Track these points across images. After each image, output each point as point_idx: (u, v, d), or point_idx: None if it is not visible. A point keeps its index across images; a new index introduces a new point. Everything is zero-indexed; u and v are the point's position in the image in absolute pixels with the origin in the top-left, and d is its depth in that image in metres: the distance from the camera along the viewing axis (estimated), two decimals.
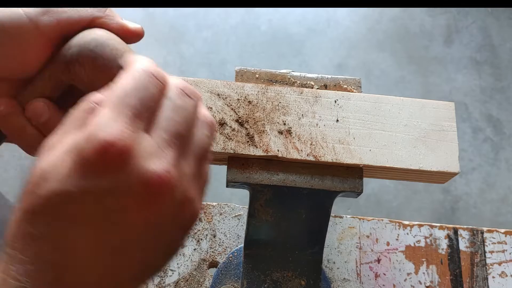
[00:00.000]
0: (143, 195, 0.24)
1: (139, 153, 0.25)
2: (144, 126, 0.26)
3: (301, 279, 0.53)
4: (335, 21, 1.97)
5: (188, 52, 1.87)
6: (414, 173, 0.46)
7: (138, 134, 0.25)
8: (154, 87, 0.27)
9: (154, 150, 0.25)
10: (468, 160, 1.72)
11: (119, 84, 0.26)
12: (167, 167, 0.25)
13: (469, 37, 1.95)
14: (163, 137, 0.26)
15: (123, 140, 0.24)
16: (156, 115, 0.27)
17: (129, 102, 0.26)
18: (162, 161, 0.25)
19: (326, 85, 0.48)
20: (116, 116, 0.25)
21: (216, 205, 0.62)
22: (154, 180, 0.24)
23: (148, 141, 0.25)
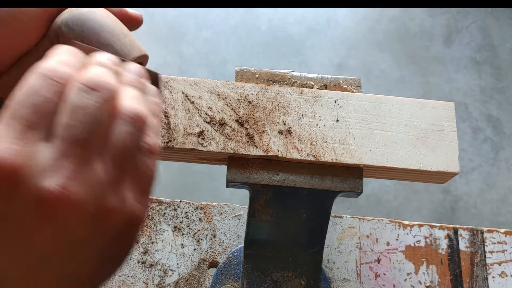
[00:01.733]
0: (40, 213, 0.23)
1: (33, 169, 0.22)
2: (42, 136, 0.23)
3: (301, 279, 0.53)
4: (335, 21, 1.97)
5: (188, 52, 1.87)
6: (414, 173, 0.46)
7: (31, 147, 0.23)
8: (48, 90, 0.24)
9: (50, 163, 0.23)
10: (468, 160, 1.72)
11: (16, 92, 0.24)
12: (62, 182, 0.23)
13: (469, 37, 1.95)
14: (59, 147, 0.23)
15: (11, 157, 0.22)
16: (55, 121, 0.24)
17: (19, 113, 0.23)
18: (55, 176, 0.23)
19: (326, 85, 0.48)
20: (6, 130, 0.23)
21: (216, 205, 0.62)
22: (48, 197, 0.22)
23: (44, 154, 0.23)
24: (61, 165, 0.23)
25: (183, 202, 0.62)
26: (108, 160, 0.25)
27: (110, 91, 0.25)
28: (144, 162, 0.27)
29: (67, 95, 0.24)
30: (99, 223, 0.25)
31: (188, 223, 0.61)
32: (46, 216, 0.23)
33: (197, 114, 0.44)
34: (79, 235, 0.24)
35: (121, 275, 0.57)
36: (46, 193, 0.23)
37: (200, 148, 0.44)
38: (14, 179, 0.22)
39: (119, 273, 0.57)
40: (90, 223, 0.24)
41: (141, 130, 0.27)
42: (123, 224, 0.26)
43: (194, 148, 0.43)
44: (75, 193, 0.23)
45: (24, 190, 0.22)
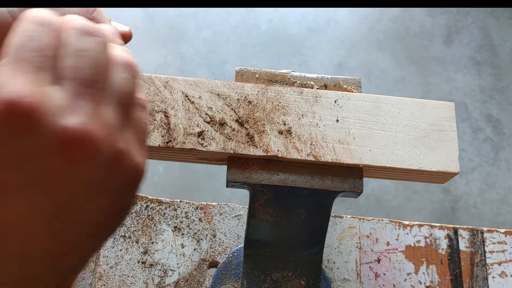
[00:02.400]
0: (64, 153, 0.23)
1: (51, 109, 0.22)
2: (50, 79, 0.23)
3: (301, 279, 0.53)
4: (335, 21, 1.97)
5: (188, 52, 1.87)
6: (414, 173, 0.46)
7: (45, 88, 0.23)
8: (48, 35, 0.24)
9: (66, 104, 0.23)
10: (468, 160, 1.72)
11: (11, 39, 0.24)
12: (84, 120, 0.23)
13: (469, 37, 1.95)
14: (72, 87, 0.24)
15: (28, 96, 0.22)
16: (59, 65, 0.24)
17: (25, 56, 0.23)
18: (77, 114, 0.23)
19: (326, 85, 0.48)
20: (15, 72, 0.22)
21: (216, 205, 0.62)
22: (72, 136, 0.23)
23: (58, 94, 0.23)
24: (78, 105, 0.23)
25: (183, 202, 0.62)
26: (114, 104, 0.25)
27: (105, 37, 0.26)
28: (140, 115, 0.28)
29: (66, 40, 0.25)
30: (112, 166, 0.25)
31: (188, 223, 0.61)
32: (70, 154, 0.23)
33: (197, 114, 0.44)
34: (95, 177, 0.24)
35: (121, 275, 0.57)
36: (69, 131, 0.23)
37: (200, 148, 0.44)
38: (34, 117, 0.22)
39: (119, 272, 0.57)
40: (105, 165, 0.24)
41: (135, 78, 0.28)
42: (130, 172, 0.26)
43: (194, 148, 0.43)
44: (97, 130, 0.23)
45: (46, 129, 0.22)
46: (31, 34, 0.24)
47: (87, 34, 0.25)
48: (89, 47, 0.25)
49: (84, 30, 0.25)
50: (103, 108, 0.25)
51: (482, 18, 1.99)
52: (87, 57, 0.25)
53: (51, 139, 0.22)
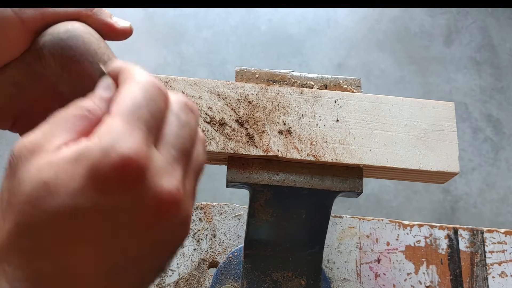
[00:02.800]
0: (154, 212, 0.24)
1: (153, 170, 0.24)
2: (153, 142, 0.25)
3: (301, 279, 0.53)
4: (335, 21, 1.97)
5: (188, 52, 1.87)
6: (414, 173, 0.46)
7: (152, 149, 0.24)
8: (162, 101, 0.26)
9: (165, 167, 0.25)
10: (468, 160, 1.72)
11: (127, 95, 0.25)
12: (177, 185, 0.25)
13: (469, 37, 1.95)
14: (172, 153, 0.26)
15: (141, 155, 0.23)
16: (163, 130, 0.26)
17: (142, 115, 0.25)
18: (173, 178, 0.25)
19: (326, 85, 0.48)
20: (131, 129, 0.24)
21: (216, 205, 0.62)
22: (166, 198, 0.24)
23: (159, 157, 0.25)
24: (175, 169, 0.25)
25: None
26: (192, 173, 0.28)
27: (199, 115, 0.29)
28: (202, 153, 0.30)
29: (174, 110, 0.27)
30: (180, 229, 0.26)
31: None
32: (160, 213, 0.24)
33: None
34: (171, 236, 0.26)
35: None
36: (166, 191, 0.24)
37: None
38: (142, 174, 0.23)
39: None
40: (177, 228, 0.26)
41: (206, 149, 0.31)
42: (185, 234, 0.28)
43: None
44: (183, 196, 0.25)
45: (148, 188, 0.24)
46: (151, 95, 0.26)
47: (190, 110, 0.28)
48: (190, 121, 0.27)
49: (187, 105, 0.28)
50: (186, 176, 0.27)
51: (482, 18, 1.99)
52: (187, 130, 0.27)
53: (149, 197, 0.24)
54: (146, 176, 0.23)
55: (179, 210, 0.25)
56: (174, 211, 0.25)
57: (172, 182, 0.25)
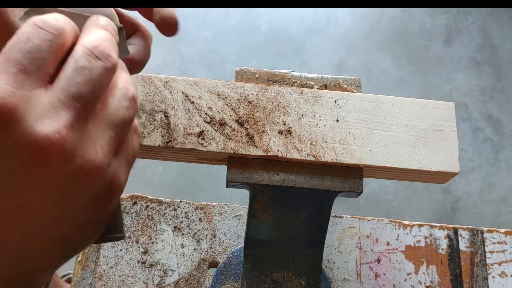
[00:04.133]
0: (29, 157, 0.23)
1: (28, 113, 0.23)
2: (36, 83, 0.24)
3: (301, 279, 0.53)
4: (335, 21, 1.97)
5: (188, 52, 1.87)
6: (414, 173, 0.46)
7: (26, 92, 0.23)
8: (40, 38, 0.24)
9: (47, 110, 0.23)
10: (468, 160, 1.72)
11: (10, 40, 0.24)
12: (59, 129, 0.23)
13: (469, 37, 1.95)
14: (59, 97, 0.24)
15: (3, 96, 0.22)
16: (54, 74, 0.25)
17: (11, 57, 0.23)
18: (53, 122, 0.23)
19: (326, 85, 0.48)
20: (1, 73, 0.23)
21: (216, 205, 0.62)
22: (41, 142, 0.23)
23: (41, 100, 0.23)
24: (59, 114, 0.24)
25: (183, 202, 0.62)
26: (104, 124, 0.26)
27: (114, 64, 0.26)
28: (133, 140, 0.29)
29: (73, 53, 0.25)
30: (83, 178, 0.25)
31: (188, 223, 0.61)
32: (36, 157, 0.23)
33: (197, 114, 0.44)
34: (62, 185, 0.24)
35: (121, 275, 0.57)
36: (40, 136, 0.23)
37: (200, 148, 0.44)
38: (8, 117, 0.22)
39: (119, 272, 0.57)
40: (75, 176, 0.24)
41: (135, 111, 0.28)
42: (104, 187, 0.26)
43: (194, 148, 0.43)
44: (71, 141, 0.23)
45: (19, 131, 0.22)
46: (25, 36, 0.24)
47: (95, 57, 0.25)
48: (91, 67, 0.25)
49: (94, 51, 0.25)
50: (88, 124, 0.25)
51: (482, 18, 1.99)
52: (85, 75, 0.25)
53: (21, 140, 0.22)
54: (15, 119, 0.22)
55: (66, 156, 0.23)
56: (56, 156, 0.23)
57: (52, 125, 0.23)
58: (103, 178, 0.26)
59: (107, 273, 0.57)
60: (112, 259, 0.58)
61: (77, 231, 0.27)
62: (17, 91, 0.23)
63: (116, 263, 0.58)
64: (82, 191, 0.25)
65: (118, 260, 0.58)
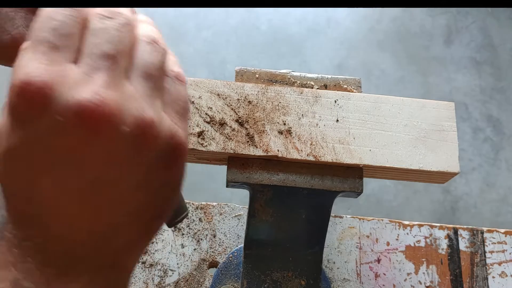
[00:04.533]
0: (80, 126, 0.22)
1: (65, 86, 0.23)
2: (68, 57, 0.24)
3: (301, 279, 0.53)
4: (335, 21, 1.97)
5: (188, 52, 1.87)
6: (414, 173, 0.46)
7: (59, 66, 0.23)
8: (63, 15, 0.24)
9: (81, 79, 0.23)
10: (468, 160, 1.72)
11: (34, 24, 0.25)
12: (97, 90, 0.23)
13: (469, 37, 1.95)
14: (88, 62, 0.24)
15: (38, 75, 0.22)
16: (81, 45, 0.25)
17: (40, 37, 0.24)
18: (90, 86, 0.23)
19: (326, 85, 0.48)
20: (31, 54, 0.23)
21: (216, 205, 0.62)
22: (85, 107, 0.22)
23: (74, 72, 0.23)
24: (93, 77, 0.23)
25: None
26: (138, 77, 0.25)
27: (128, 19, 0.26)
28: (175, 88, 0.28)
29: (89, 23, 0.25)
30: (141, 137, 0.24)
31: (188, 223, 0.61)
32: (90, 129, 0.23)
33: (197, 114, 0.44)
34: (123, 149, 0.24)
35: None
36: (82, 102, 0.22)
37: (200, 148, 0.44)
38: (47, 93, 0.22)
39: None
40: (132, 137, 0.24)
41: (163, 53, 0.28)
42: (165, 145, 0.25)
43: (194, 148, 0.43)
44: (113, 101, 0.23)
45: (60, 104, 0.22)
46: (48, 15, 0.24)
47: (108, 16, 0.25)
48: (107, 27, 0.25)
49: (106, 13, 0.26)
50: (124, 80, 0.24)
51: (482, 18, 1.99)
52: (105, 34, 0.25)
53: (67, 113, 0.22)
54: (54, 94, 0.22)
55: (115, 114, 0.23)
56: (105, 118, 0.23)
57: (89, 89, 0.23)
58: (161, 133, 0.25)
59: None
60: None
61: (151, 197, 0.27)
62: (51, 67, 0.23)
63: None
64: (144, 153, 0.25)
65: None
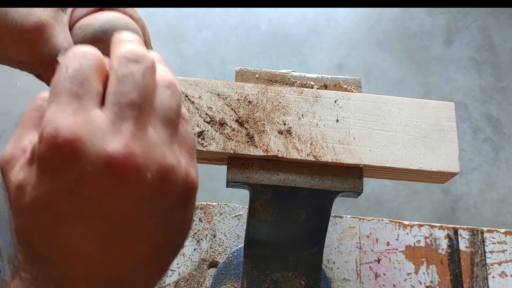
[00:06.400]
0: (109, 177, 0.23)
1: (92, 135, 0.23)
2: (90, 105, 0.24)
3: (301, 279, 0.53)
4: (335, 21, 1.97)
5: (188, 52, 1.87)
6: (414, 173, 0.46)
7: (85, 116, 0.23)
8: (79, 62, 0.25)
9: (108, 128, 0.24)
10: (468, 160, 1.72)
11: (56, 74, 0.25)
12: (126, 142, 0.23)
13: (469, 37, 1.95)
14: (114, 111, 0.24)
15: (67, 127, 0.22)
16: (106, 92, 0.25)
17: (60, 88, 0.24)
18: (118, 137, 0.23)
19: (326, 85, 0.48)
20: (57, 105, 0.23)
21: (216, 205, 0.62)
22: (115, 159, 0.23)
23: (100, 120, 0.24)
24: (120, 128, 0.24)
25: None
26: (160, 123, 0.26)
27: (151, 61, 0.26)
28: (185, 128, 0.29)
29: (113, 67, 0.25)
30: (163, 182, 0.25)
31: None
32: (119, 178, 0.23)
33: (197, 114, 0.44)
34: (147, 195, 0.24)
35: None
36: (113, 155, 0.23)
37: (200, 148, 0.44)
38: (76, 145, 0.23)
39: None
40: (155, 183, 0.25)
41: (179, 96, 0.28)
42: (183, 186, 0.26)
43: None
44: (140, 150, 0.24)
45: (90, 155, 0.23)
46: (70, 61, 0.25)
47: (133, 61, 0.26)
48: (132, 72, 0.25)
49: (130, 56, 0.26)
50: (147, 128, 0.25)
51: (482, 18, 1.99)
52: (130, 82, 0.25)
53: (97, 165, 0.23)
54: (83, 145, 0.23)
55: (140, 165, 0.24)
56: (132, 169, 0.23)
57: (118, 140, 0.23)
58: (179, 177, 0.26)
59: None
60: None
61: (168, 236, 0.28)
62: (76, 118, 0.23)
63: None
64: (165, 196, 0.25)
65: None
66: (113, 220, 0.24)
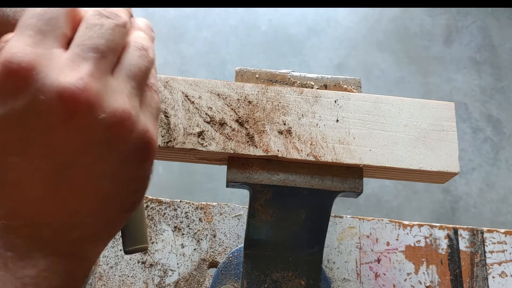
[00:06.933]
0: (59, 108, 0.23)
1: (49, 68, 0.23)
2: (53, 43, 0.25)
3: (301, 279, 0.53)
4: (335, 21, 1.97)
5: (188, 52, 1.87)
6: (414, 173, 0.46)
7: (44, 50, 0.24)
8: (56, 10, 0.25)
9: (67, 64, 0.24)
10: (468, 160, 1.72)
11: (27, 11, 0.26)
12: (81, 76, 0.23)
13: (469, 37, 1.95)
14: (76, 51, 0.25)
15: (24, 55, 0.23)
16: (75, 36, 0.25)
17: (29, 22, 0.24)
18: (75, 72, 0.24)
19: (326, 85, 0.48)
20: (19, 37, 0.24)
21: (216, 205, 0.62)
22: (67, 90, 0.23)
23: (61, 57, 0.24)
24: (79, 66, 0.24)
25: (183, 202, 0.62)
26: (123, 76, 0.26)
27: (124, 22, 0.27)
28: (151, 95, 0.29)
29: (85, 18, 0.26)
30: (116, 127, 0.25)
31: (188, 223, 0.61)
32: (69, 111, 0.23)
33: (197, 114, 0.44)
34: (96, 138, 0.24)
35: (121, 275, 0.57)
36: (66, 85, 0.23)
37: (200, 148, 0.44)
38: (30, 73, 0.23)
39: (119, 272, 0.57)
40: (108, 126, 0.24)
41: (150, 61, 0.29)
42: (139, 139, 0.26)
43: (194, 148, 0.43)
44: (94, 90, 0.24)
45: (43, 85, 0.23)
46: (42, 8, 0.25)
47: (105, 16, 0.26)
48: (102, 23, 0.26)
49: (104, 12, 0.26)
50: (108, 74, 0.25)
51: (482, 18, 1.99)
52: (98, 30, 0.25)
53: (47, 96, 0.23)
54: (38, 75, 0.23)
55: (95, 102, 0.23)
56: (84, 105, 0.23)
57: (74, 74, 0.23)
58: (136, 128, 0.26)
59: (107, 273, 0.57)
60: (112, 259, 0.58)
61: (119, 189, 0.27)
62: (35, 49, 0.23)
63: (116, 263, 0.58)
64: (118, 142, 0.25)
65: (118, 260, 0.58)
66: (59, 156, 0.24)
